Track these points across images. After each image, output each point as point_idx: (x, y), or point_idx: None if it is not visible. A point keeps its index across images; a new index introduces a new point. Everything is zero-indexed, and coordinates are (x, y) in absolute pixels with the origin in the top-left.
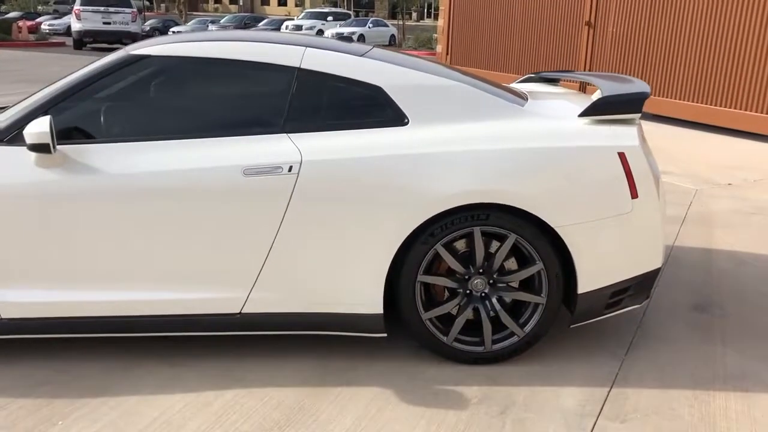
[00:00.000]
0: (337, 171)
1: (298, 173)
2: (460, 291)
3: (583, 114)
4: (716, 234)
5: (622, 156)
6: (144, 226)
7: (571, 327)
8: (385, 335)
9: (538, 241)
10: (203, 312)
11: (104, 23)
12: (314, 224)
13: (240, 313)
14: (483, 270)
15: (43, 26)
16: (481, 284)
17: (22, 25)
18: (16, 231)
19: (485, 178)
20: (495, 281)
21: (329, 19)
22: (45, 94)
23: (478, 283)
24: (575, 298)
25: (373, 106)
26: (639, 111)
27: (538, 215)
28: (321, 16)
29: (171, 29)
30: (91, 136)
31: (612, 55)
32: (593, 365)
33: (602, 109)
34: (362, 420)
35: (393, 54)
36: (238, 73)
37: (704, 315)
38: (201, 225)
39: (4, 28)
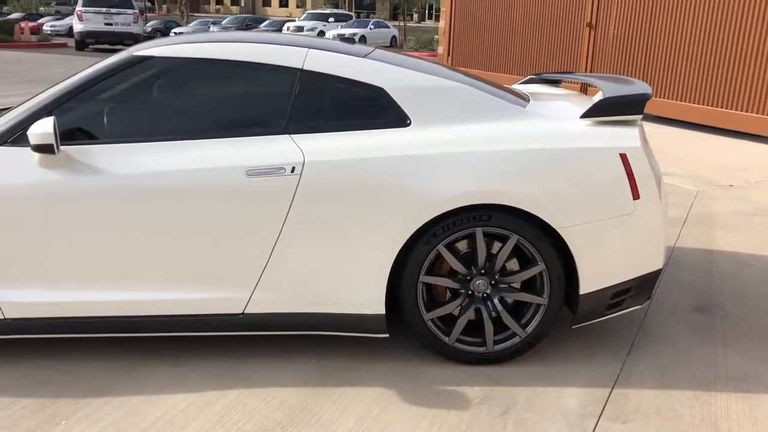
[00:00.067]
0: (339, 172)
1: (300, 174)
2: (462, 292)
3: (585, 115)
4: (717, 235)
5: (623, 157)
6: (147, 226)
7: (573, 328)
8: (388, 336)
9: (540, 242)
10: (206, 312)
11: (106, 24)
12: (317, 225)
13: (243, 313)
14: (485, 271)
15: (45, 27)
16: (483, 285)
17: (24, 26)
18: (19, 231)
19: (487, 179)
20: (497, 282)
21: (330, 20)
22: (49, 95)
23: (480, 283)
24: (577, 298)
25: (375, 108)
26: (640, 112)
27: (540, 216)
28: (322, 18)
29: (172, 30)
30: (94, 137)
31: (613, 57)
32: (595, 366)
33: (604, 111)
34: (365, 420)
35: (395, 55)
36: (241, 74)
37: (705, 316)
38: (204, 225)
39: (7, 29)
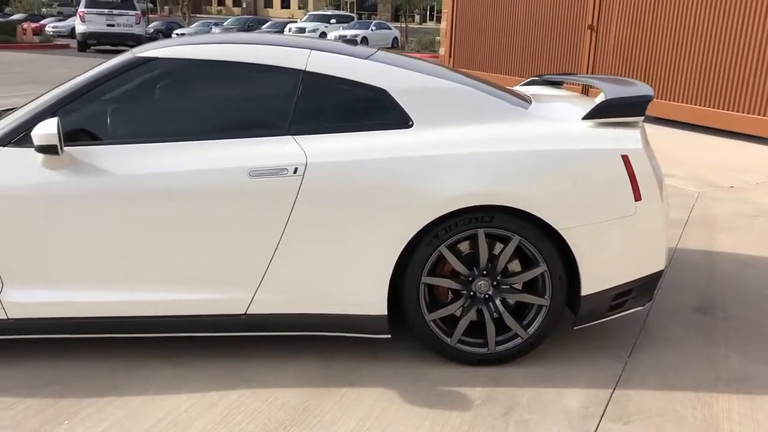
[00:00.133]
0: (341, 173)
1: (303, 175)
2: (464, 293)
3: (587, 117)
4: (719, 237)
5: (625, 159)
6: (150, 227)
7: (575, 329)
8: (390, 336)
9: (542, 243)
10: (208, 313)
11: (108, 25)
12: (319, 226)
13: (245, 314)
14: (487, 272)
15: (47, 28)
16: (485, 286)
17: (26, 27)
18: (23, 232)
19: (489, 181)
20: (499, 283)
21: (332, 21)
22: (53, 96)
23: (481, 284)
24: (578, 300)
25: (377, 109)
26: (642, 114)
27: (542, 217)
28: (324, 19)
29: (174, 31)
30: (98, 138)
31: (615, 59)
32: (596, 367)
33: (606, 112)
34: (366, 420)
35: (397, 57)
36: (244, 75)
37: (707, 317)
38: (206, 226)
39: (9, 30)
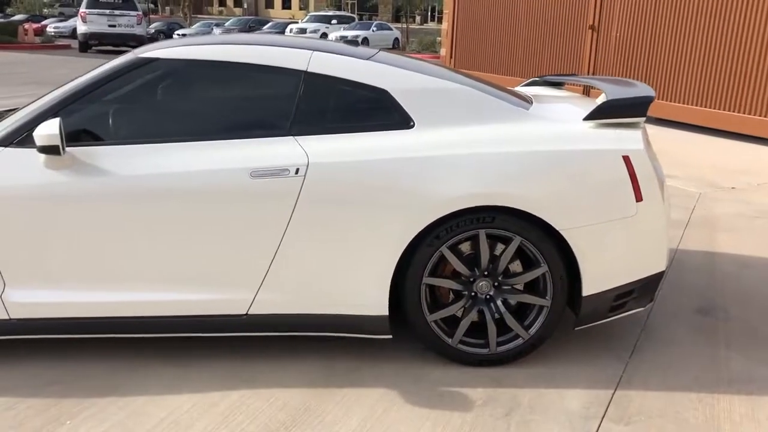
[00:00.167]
0: (343, 173)
1: (304, 175)
2: (465, 293)
3: (588, 117)
4: (720, 237)
5: (626, 159)
6: (151, 227)
7: (576, 329)
8: (391, 337)
9: (543, 244)
10: (210, 313)
11: (109, 26)
12: (320, 226)
13: (246, 314)
14: (488, 272)
15: (48, 29)
16: (486, 286)
17: (28, 27)
18: (25, 232)
19: (490, 181)
20: (500, 283)
21: (333, 22)
22: (54, 97)
23: (483, 285)
24: (580, 300)
25: (379, 109)
26: (643, 114)
27: (543, 218)
28: (325, 20)
29: (176, 32)
30: (100, 138)
31: (616, 59)
32: (598, 368)
33: (607, 113)
34: (368, 421)
35: (399, 57)
36: (246, 76)
37: (708, 318)
38: (208, 226)
39: (11, 31)
